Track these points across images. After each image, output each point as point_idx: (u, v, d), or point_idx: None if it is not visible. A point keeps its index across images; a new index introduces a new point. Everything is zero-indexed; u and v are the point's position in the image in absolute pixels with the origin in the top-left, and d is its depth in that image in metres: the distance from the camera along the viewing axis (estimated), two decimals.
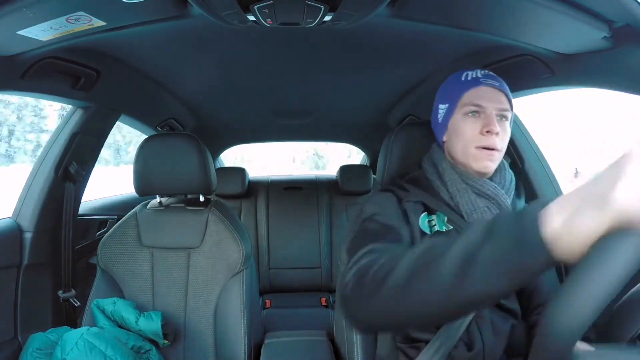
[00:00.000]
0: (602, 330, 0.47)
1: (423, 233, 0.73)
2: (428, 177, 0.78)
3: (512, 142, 1.25)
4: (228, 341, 1.05)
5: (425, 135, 0.93)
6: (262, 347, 1.24)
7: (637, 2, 0.60)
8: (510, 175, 0.78)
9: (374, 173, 2.15)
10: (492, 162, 0.72)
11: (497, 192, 0.72)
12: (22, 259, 1.13)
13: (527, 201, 0.84)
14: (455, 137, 0.76)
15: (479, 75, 0.75)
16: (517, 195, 0.80)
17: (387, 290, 0.45)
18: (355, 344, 0.89)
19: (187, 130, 1.86)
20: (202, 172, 1.09)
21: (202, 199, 1.18)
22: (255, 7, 0.70)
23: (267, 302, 1.94)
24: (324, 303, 1.95)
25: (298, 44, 1.05)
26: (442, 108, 0.79)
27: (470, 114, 0.74)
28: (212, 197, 1.24)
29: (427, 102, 0.85)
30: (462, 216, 0.73)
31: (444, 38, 0.97)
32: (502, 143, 0.73)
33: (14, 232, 1.13)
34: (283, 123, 2.00)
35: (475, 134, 0.72)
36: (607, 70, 0.79)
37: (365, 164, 2.62)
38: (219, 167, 2.51)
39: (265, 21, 0.77)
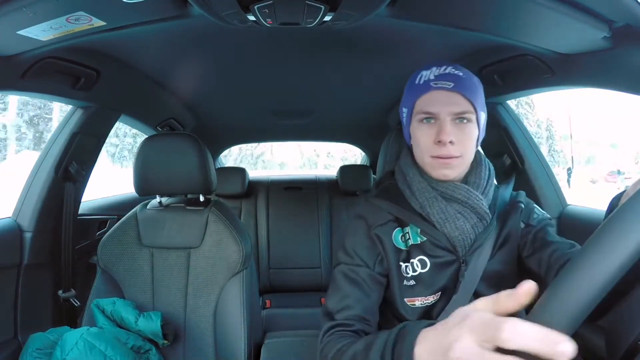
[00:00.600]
0: (607, 331, 0.47)
1: (398, 250, 0.72)
2: (399, 186, 0.76)
3: (512, 142, 1.25)
4: (228, 341, 1.05)
5: None
6: (262, 347, 1.24)
7: (637, 2, 0.60)
8: (488, 171, 0.74)
9: (374, 173, 2.15)
10: (450, 170, 0.69)
11: (469, 195, 0.69)
12: (22, 259, 1.13)
13: (516, 188, 0.81)
14: (414, 144, 0.73)
15: (431, 77, 0.70)
16: (505, 181, 0.78)
17: None
18: None
19: (187, 130, 1.86)
20: (202, 172, 1.09)
21: (202, 198, 1.18)
22: (255, 7, 0.70)
23: (267, 302, 1.94)
24: (323, 303, 1.94)
25: (298, 44, 1.05)
26: (404, 112, 0.76)
27: (424, 121, 0.70)
28: (212, 197, 1.24)
29: None
30: (434, 225, 0.70)
31: (444, 38, 0.97)
32: (461, 149, 0.68)
33: (14, 232, 1.14)
34: (283, 123, 2.00)
35: (430, 142, 0.68)
36: (607, 70, 0.79)
37: (365, 164, 2.63)
38: (219, 167, 2.51)
39: (265, 21, 0.77)
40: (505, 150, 1.27)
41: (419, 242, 0.72)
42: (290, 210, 2.17)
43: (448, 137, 0.66)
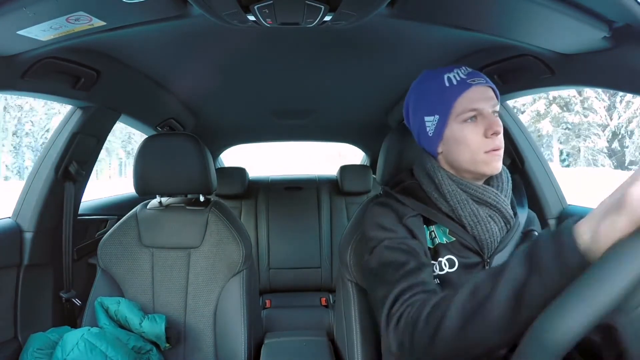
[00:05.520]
0: (604, 330, 0.47)
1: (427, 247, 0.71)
2: (424, 188, 0.75)
3: (512, 142, 1.25)
4: (228, 341, 1.05)
5: None
6: (262, 347, 1.24)
7: (637, 2, 0.60)
8: (506, 174, 0.76)
9: (374, 173, 2.15)
10: (500, 163, 0.71)
11: (498, 198, 0.71)
12: (22, 259, 1.13)
13: (516, 188, 0.81)
14: (457, 146, 0.71)
15: (462, 76, 0.70)
16: (520, 204, 0.78)
17: (443, 339, 0.50)
18: (355, 344, 0.89)
19: (187, 130, 1.86)
20: (202, 172, 1.09)
21: (202, 199, 1.18)
22: (255, 7, 0.70)
23: (267, 302, 1.94)
24: (324, 303, 1.95)
25: (298, 44, 1.05)
26: (431, 120, 0.73)
27: (469, 120, 0.70)
28: (212, 197, 1.24)
29: None
30: (464, 227, 0.71)
31: (444, 38, 0.97)
32: (502, 141, 0.71)
33: (14, 232, 1.13)
34: (283, 123, 2.00)
35: (480, 139, 0.69)
36: (607, 70, 0.79)
37: (365, 164, 2.63)
38: (219, 167, 2.51)
39: (265, 21, 0.77)
40: (505, 150, 1.27)
41: (446, 242, 0.71)
42: (291, 210, 2.17)
43: (501, 127, 0.68)
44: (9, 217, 1.18)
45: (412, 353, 0.54)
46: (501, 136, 0.70)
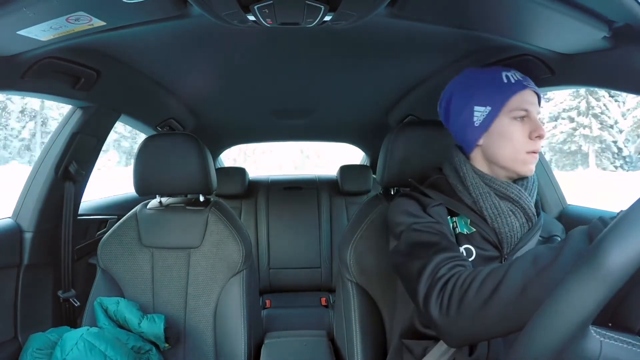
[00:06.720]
0: (611, 319, 0.47)
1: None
2: (450, 181, 0.78)
3: None
4: (228, 341, 1.05)
5: (426, 134, 0.93)
6: (262, 347, 1.25)
7: (637, 2, 0.60)
8: (533, 176, 0.78)
9: (374, 173, 2.15)
10: (534, 165, 0.73)
11: (521, 195, 0.72)
12: (22, 259, 1.13)
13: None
14: (501, 141, 0.74)
15: (519, 77, 0.74)
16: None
17: (500, 302, 0.50)
18: (355, 343, 0.89)
19: (187, 130, 1.86)
20: (202, 172, 1.09)
21: (202, 199, 1.18)
22: (255, 7, 0.70)
23: (267, 302, 1.94)
24: (324, 303, 1.95)
25: (298, 44, 1.05)
26: (481, 110, 0.75)
27: (518, 119, 0.73)
28: (212, 197, 1.24)
29: (427, 102, 0.85)
30: (485, 219, 0.73)
31: (444, 38, 0.97)
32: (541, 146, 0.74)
33: (14, 232, 1.14)
34: (283, 123, 2.00)
35: (525, 139, 0.72)
36: (607, 70, 0.79)
37: (365, 164, 2.63)
38: (219, 167, 2.51)
39: (265, 21, 0.77)
40: None
41: (467, 232, 0.73)
42: (291, 210, 2.17)
43: (544, 132, 0.72)
44: (9, 217, 1.18)
45: (456, 319, 0.54)
46: (541, 141, 0.72)
